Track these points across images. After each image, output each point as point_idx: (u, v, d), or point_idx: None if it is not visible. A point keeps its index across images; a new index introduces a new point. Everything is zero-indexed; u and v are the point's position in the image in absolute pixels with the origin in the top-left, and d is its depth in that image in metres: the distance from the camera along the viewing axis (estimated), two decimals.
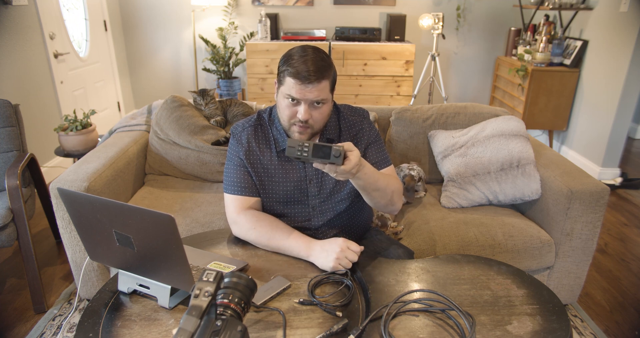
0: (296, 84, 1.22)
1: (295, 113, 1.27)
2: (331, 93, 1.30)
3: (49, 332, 1.83)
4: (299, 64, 1.22)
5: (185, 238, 1.37)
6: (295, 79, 1.22)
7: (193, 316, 0.73)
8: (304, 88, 1.22)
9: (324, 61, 1.25)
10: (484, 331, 1.00)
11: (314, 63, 1.22)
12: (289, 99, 1.26)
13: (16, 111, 2.17)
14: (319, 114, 1.28)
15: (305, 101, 1.24)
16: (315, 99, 1.24)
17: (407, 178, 1.95)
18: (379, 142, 1.47)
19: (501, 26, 4.48)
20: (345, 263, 1.16)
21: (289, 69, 1.23)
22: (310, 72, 1.21)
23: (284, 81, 1.26)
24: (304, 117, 1.25)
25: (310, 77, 1.21)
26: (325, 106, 1.29)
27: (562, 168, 1.89)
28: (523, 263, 1.77)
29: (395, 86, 4.14)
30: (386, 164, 1.46)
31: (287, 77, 1.24)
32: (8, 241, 1.86)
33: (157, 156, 2.16)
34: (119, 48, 4.44)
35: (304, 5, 4.38)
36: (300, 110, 1.25)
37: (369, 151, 1.44)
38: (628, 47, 3.08)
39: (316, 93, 1.23)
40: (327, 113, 1.32)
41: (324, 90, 1.25)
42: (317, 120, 1.29)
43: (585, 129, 3.58)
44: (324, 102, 1.27)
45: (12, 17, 2.91)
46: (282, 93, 1.28)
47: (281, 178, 1.39)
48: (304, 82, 1.21)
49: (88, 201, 0.99)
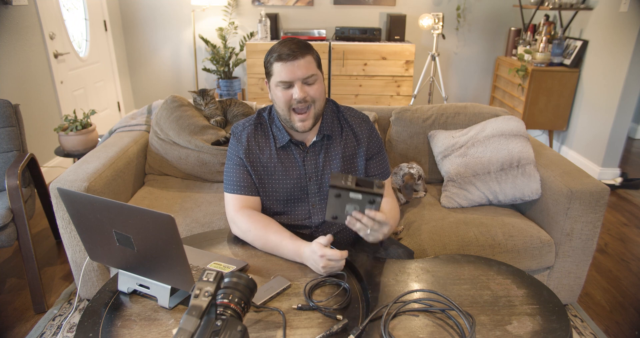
0: (283, 65, 1.26)
1: (290, 97, 1.30)
2: (320, 71, 1.33)
3: (49, 332, 1.83)
4: (280, 47, 1.28)
5: (185, 238, 1.37)
6: (280, 61, 1.26)
7: (193, 316, 0.73)
8: (291, 66, 1.26)
9: (301, 42, 1.30)
10: (484, 331, 1.00)
11: (294, 43, 1.28)
12: (282, 86, 1.29)
13: (16, 111, 2.17)
14: (314, 91, 1.31)
15: (297, 81, 1.27)
16: (305, 76, 1.27)
17: (407, 176, 1.95)
18: (383, 153, 1.48)
19: (501, 26, 4.48)
20: (336, 269, 1.16)
21: (272, 55, 1.29)
22: (291, 49, 1.26)
23: (271, 70, 1.30)
24: (300, 94, 1.28)
25: (293, 54, 1.25)
26: (317, 83, 1.31)
27: (562, 168, 1.89)
28: (523, 263, 1.77)
29: (395, 86, 4.14)
30: (385, 176, 1.48)
31: (273, 64, 1.28)
32: (8, 241, 1.86)
33: (157, 156, 2.16)
34: (119, 48, 4.44)
35: (304, 5, 4.38)
36: (295, 91, 1.28)
37: (372, 162, 1.45)
38: (628, 47, 3.08)
39: (304, 69, 1.27)
40: (322, 91, 1.34)
41: (311, 65, 1.29)
42: (315, 97, 1.31)
43: (585, 129, 3.58)
44: (315, 78, 1.30)
45: (12, 17, 2.91)
46: (274, 83, 1.31)
47: (281, 175, 1.40)
48: (289, 59, 1.25)
49: (88, 201, 0.99)
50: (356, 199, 1.10)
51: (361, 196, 1.09)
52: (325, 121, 1.41)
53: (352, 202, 1.11)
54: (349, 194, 1.09)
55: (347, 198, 1.10)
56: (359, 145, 1.43)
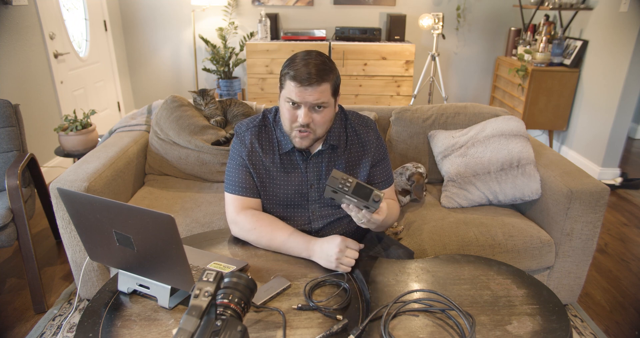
0: (295, 86, 1.22)
1: (296, 117, 1.26)
2: (333, 98, 1.29)
3: (49, 332, 1.83)
4: (299, 67, 1.22)
5: (185, 238, 1.37)
6: (295, 81, 1.22)
7: (193, 316, 0.73)
8: (304, 91, 1.21)
9: (325, 64, 1.24)
10: (484, 331, 1.00)
11: (315, 66, 1.22)
12: (290, 103, 1.26)
13: (16, 111, 2.17)
14: (320, 118, 1.27)
15: (305, 104, 1.24)
16: (315, 102, 1.23)
17: (417, 176, 1.95)
18: (386, 160, 1.46)
19: (501, 26, 4.48)
20: (346, 262, 1.17)
21: (290, 72, 1.23)
22: (310, 74, 1.20)
23: (284, 84, 1.26)
24: (304, 120, 1.24)
25: (309, 80, 1.20)
26: (326, 110, 1.27)
27: (562, 168, 1.89)
28: (523, 263, 1.77)
29: (395, 86, 4.14)
30: (389, 184, 1.47)
31: (287, 80, 1.24)
32: (8, 241, 1.86)
33: (157, 156, 2.16)
34: (119, 48, 4.44)
35: (304, 5, 4.38)
36: (300, 114, 1.25)
37: (376, 168, 1.44)
38: (628, 47, 3.08)
39: (316, 96, 1.22)
40: (329, 118, 1.31)
41: (324, 93, 1.24)
42: (319, 124, 1.28)
43: (585, 129, 3.58)
44: (324, 105, 1.26)
45: (12, 17, 2.91)
46: (283, 97, 1.27)
47: (282, 181, 1.39)
48: (303, 84, 1.21)
49: (88, 201, 0.99)
50: (353, 201, 1.11)
51: (356, 200, 1.09)
52: (333, 131, 1.38)
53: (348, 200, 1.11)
54: (345, 196, 1.09)
55: (344, 198, 1.10)
56: (365, 153, 1.41)
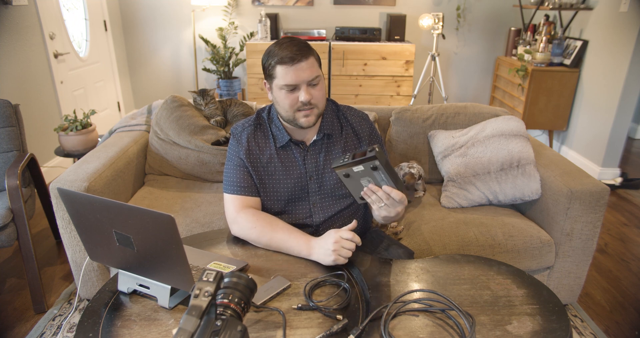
0: (287, 68, 1.25)
1: (296, 99, 1.29)
2: (321, 70, 1.34)
3: (49, 332, 1.83)
4: (281, 51, 1.26)
5: (185, 238, 1.37)
6: (284, 64, 1.25)
7: (193, 316, 0.73)
8: (296, 69, 1.25)
9: (301, 42, 1.30)
10: (484, 331, 1.00)
11: (294, 45, 1.27)
12: (285, 89, 1.28)
13: (16, 111, 2.17)
14: (317, 92, 1.31)
15: (302, 82, 1.27)
16: (310, 79, 1.27)
17: (407, 176, 1.95)
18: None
19: (501, 26, 4.48)
20: (344, 253, 1.18)
21: (274, 58, 1.27)
22: (294, 52, 1.25)
23: (274, 73, 1.29)
24: (306, 97, 1.27)
25: (297, 56, 1.25)
26: (320, 84, 1.32)
27: (562, 168, 1.89)
28: (523, 263, 1.77)
29: (395, 86, 4.14)
30: None
31: (276, 67, 1.27)
32: (8, 241, 1.86)
33: (157, 156, 2.16)
34: (119, 48, 4.44)
35: (304, 5, 4.38)
36: (301, 93, 1.28)
37: None
38: (628, 47, 3.08)
39: (309, 71, 1.27)
40: (325, 91, 1.36)
41: (314, 66, 1.29)
42: (319, 99, 1.32)
43: (585, 129, 3.58)
44: (318, 79, 1.31)
45: (12, 17, 2.91)
46: (277, 86, 1.30)
47: (282, 175, 1.40)
48: (293, 62, 1.25)
49: (88, 201, 0.99)
50: (361, 171, 1.12)
51: (363, 167, 1.10)
52: (326, 120, 1.42)
53: (361, 176, 1.13)
54: (352, 169, 1.11)
55: (355, 174, 1.12)
56: (360, 143, 1.44)
